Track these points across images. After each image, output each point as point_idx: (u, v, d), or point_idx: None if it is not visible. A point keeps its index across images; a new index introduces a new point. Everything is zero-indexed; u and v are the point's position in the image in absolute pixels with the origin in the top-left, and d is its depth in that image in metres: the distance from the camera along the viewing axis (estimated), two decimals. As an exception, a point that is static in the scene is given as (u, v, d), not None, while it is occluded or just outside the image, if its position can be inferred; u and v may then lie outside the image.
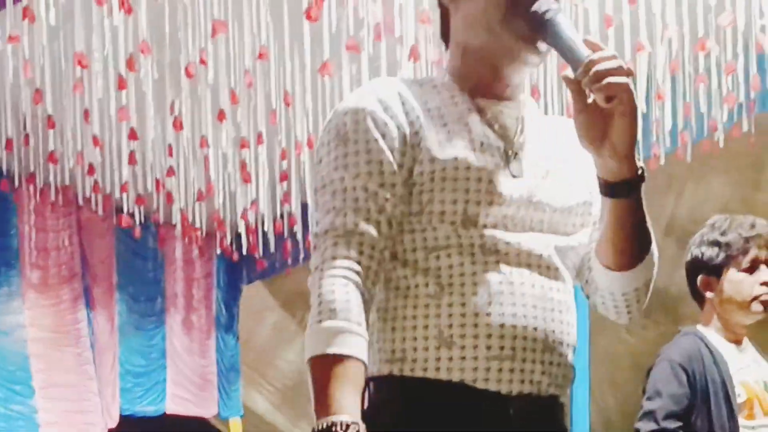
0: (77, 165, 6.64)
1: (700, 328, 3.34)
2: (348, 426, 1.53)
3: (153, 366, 8.65)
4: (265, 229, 7.14)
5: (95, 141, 6.26)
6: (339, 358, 1.58)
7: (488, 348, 1.62)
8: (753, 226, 3.31)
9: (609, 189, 1.64)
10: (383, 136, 1.66)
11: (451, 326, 1.63)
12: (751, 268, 3.28)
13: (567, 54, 1.61)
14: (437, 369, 1.64)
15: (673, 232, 7.09)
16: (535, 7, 1.65)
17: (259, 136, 6.22)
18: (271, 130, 6.28)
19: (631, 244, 1.67)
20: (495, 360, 1.63)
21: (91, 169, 6.68)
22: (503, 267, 1.65)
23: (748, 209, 7.33)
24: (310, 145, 6.22)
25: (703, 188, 6.96)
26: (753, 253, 3.27)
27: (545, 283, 1.68)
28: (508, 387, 1.64)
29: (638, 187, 1.63)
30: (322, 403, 1.56)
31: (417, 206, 1.67)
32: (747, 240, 3.27)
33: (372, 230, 1.65)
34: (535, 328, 1.65)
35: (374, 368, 1.68)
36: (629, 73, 1.53)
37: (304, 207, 7.09)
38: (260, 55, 5.50)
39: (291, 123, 6.20)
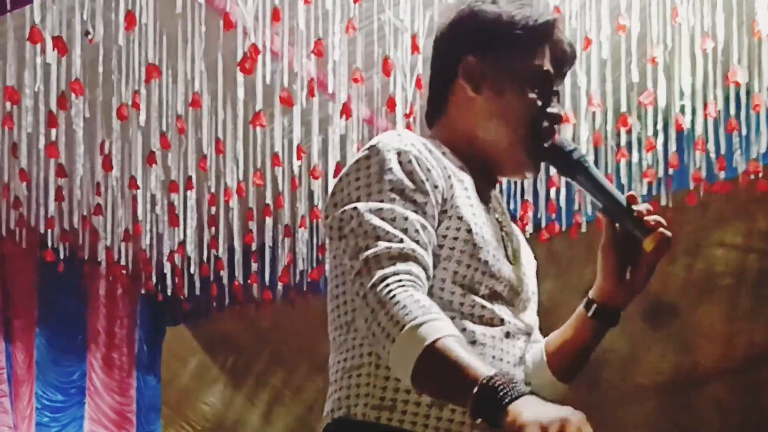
0: (2, 198, 6.59)
1: None
2: (503, 377, 1.43)
3: (71, 402, 8.55)
4: (192, 271, 7.13)
5: (22, 175, 6.21)
6: (453, 338, 1.50)
7: None
8: None
9: (609, 316, 1.81)
10: (427, 180, 1.66)
11: None
12: None
13: (600, 193, 1.76)
14: (425, 426, 1.64)
15: (591, 299, 7.25)
16: (557, 142, 1.77)
17: (189, 180, 6.24)
18: (201, 175, 6.30)
19: (583, 363, 1.84)
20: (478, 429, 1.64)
21: (17, 203, 6.62)
22: (493, 339, 1.71)
23: (662, 282, 7.57)
24: (239, 192, 6.26)
25: (621, 258, 7.10)
26: None
27: (519, 360, 1.77)
28: None
29: None
30: (466, 375, 1.43)
31: (434, 259, 1.66)
32: None
33: (426, 258, 1.61)
34: None
35: (358, 411, 1.65)
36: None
37: (231, 252, 7.10)
38: (193, 102, 5.53)
39: (221, 170, 6.23)
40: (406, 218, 1.61)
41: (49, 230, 6.74)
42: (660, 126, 5.57)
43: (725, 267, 7.07)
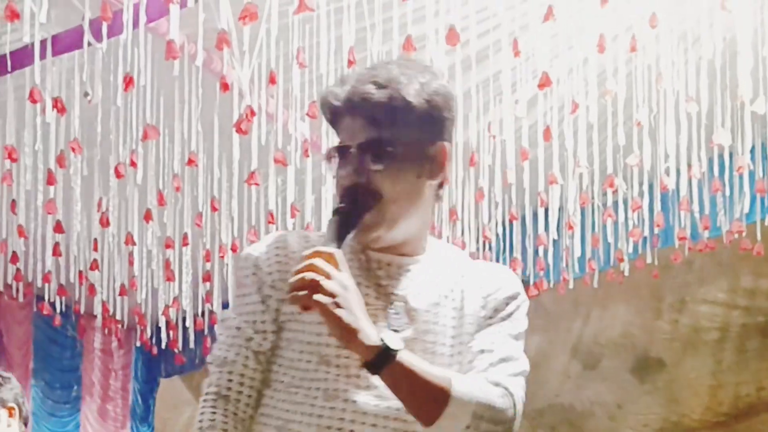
0: (0, 252, 6.67)
1: None
2: None
3: (65, 453, 8.57)
4: (186, 325, 7.20)
5: (20, 231, 6.31)
6: None
7: None
8: None
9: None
10: (258, 279, 1.81)
11: None
12: None
13: None
14: None
15: (578, 353, 7.36)
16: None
17: (185, 237, 6.34)
18: (197, 232, 6.40)
19: (409, 408, 1.71)
20: None
21: (15, 258, 6.70)
22: (339, 413, 1.73)
23: (648, 335, 7.67)
24: (234, 249, 6.35)
25: (608, 314, 7.22)
26: None
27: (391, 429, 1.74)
28: None
29: (384, 364, 1.66)
30: None
31: (284, 342, 1.79)
32: None
33: (239, 362, 1.80)
34: None
35: None
36: (310, 286, 1.63)
37: (226, 306, 7.17)
38: (189, 161, 5.63)
39: (216, 227, 6.33)
40: (238, 328, 1.81)
41: (46, 284, 6.82)
42: (646, 187, 5.69)
43: (710, 322, 7.16)
